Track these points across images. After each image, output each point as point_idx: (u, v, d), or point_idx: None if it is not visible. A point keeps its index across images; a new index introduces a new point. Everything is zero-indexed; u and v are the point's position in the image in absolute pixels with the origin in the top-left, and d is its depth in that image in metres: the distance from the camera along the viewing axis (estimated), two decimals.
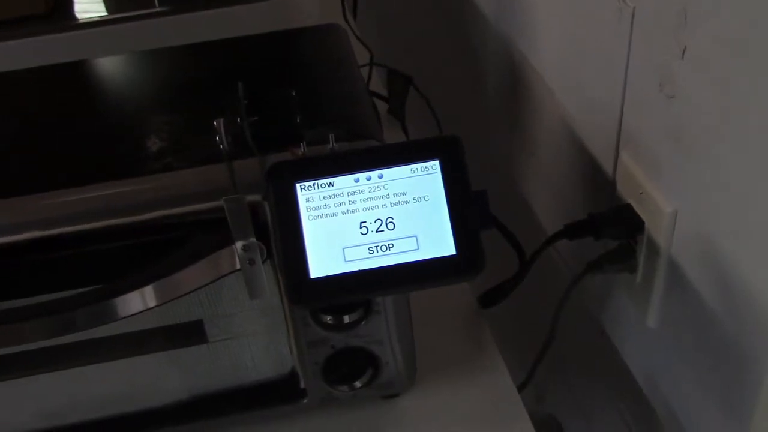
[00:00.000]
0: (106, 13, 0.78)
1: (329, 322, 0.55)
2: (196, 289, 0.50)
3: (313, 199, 0.49)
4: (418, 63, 1.07)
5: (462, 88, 1.07)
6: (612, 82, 0.62)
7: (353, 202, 0.49)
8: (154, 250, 0.52)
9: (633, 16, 0.58)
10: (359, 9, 1.15)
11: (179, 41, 0.68)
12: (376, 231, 0.49)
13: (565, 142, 0.75)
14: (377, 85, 0.96)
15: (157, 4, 0.78)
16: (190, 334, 0.56)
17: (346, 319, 0.55)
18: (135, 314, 0.50)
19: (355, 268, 0.49)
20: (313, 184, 0.49)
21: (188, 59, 0.66)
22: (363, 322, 0.56)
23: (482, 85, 0.97)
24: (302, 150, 0.52)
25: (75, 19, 0.79)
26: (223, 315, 0.55)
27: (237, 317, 0.56)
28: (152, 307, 0.50)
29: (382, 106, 0.94)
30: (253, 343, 0.57)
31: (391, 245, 0.49)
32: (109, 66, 0.67)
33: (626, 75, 0.61)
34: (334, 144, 0.52)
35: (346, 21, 0.88)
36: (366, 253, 0.49)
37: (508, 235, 0.72)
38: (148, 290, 0.49)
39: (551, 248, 0.68)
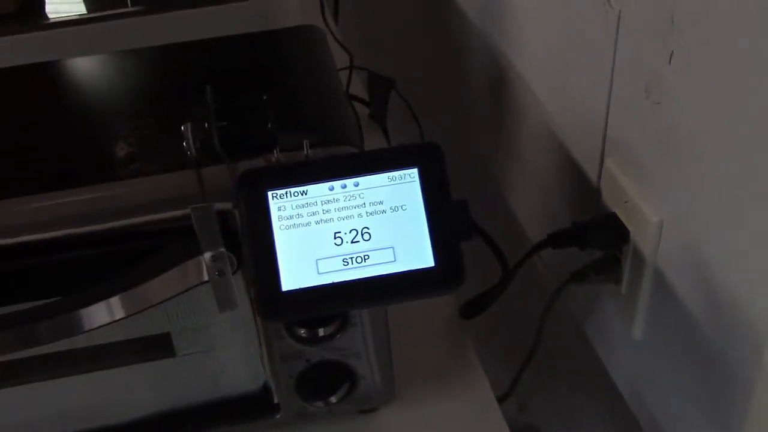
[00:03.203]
0: (77, 13, 0.76)
1: (303, 335, 0.53)
2: (162, 302, 0.48)
3: (286, 208, 0.47)
4: (401, 66, 1.05)
5: (446, 92, 1.06)
6: (597, 86, 0.61)
7: (327, 212, 0.47)
8: (120, 260, 0.49)
9: (619, 18, 0.57)
10: (341, 12, 1.13)
11: (153, 42, 0.66)
12: (351, 242, 0.47)
13: (549, 148, 0.73)
14: (358, 88, 0.94)
15: (130, 4, 0.76)
16: (157, 347, 0.54)
17: (321, 332, 0.53)
18: (98, 328, 0.47)
19: (329, 281, 0.47)
20: (286, 193, 0.47)
21: (159, 61, 0.64)
22: (339, 335, 0.54)
23: (466, 89, 0.96)
24: (275, 156, 0.50)
25: (45, 18, 0.77)
26: (192, 328, 0.53)
27: (206, 330, 0.53)
28: (116, 320, 0.48)
29: (363, 111, 0.92)
30: (224, 356, 0.55)
31: (366, 257, 0.47)
32: (79, 67, 0.64)
33: (612, 79, 0.59)
34: (309, 150, 0.50)
35: (326, 23, 0.86)
36: (340, 265, 0.47)
37: (490, 243, 0.70)
38: (112, 302, 0.47)
39: (536, 256, 0.67)
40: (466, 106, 0.98)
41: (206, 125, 0.45)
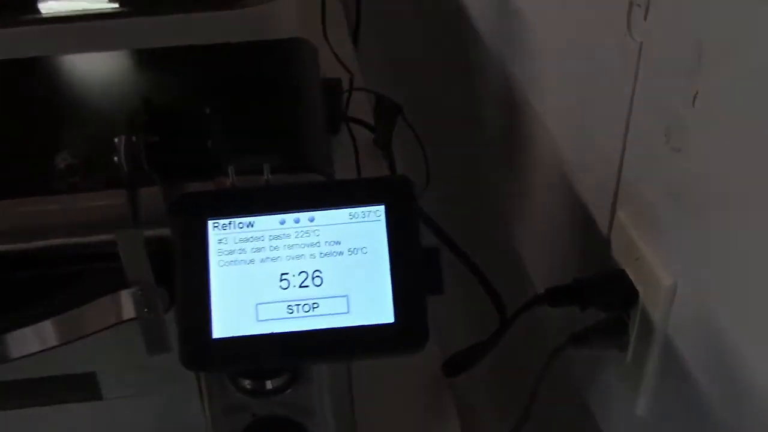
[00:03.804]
0: (55, 10, 0.71)
1: (248, 386, 0.46)
2: (81, 338, 0.41)
3: (227, 240, 0.41)
4: (417, 92, 1.00)
5: (457, 123, 1.00)
6: (612, 126, 0.55)
7: (275, 249, 0.41)
8: (46, 286, 0.43)
9: (640, 52, 0.51)
10: (364, 34, 1.08)
11: (135, 45, 0.60)
12: (300, 286, 0.40)
13: (560, 191, 0.68)
14: (366, 112, 0.89)
15: (119, 5, 0.71)
16: (82, 387, 0.47)
17: (269, 384, 0.46)
18: (7, 362, 0.41)
19: (269, 330, 0.40)
20: (229, 223, 0.41)
21: (128, 66, 0.58)
22: (289, 390, 0.47)
23: (479, 121, 0.91)
24: (231, 180, 0.43)
25: (36, 12, 0.72)
26: (121, 369, 0.46)
27: (137, 373, 0.47)
28: (27, 355, 0.41)
29: (367, 136, 0.86)
30: (158, 404, 0.49)
31: (315, 305, 0.40)
32: (40, 68, 0.59)
33: (628, 120, 0.53)
34: (269, 176, 0.44)
35: (326, 39, 0.80)
36: (284, 313, 0.40)
37: (489, 290, 0.64)
38: (22, 334, 0.41)
39: (540, 308, 0.60)
40: (476, 138, 0.93)
41: (134, 139, 0.39)
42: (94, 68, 0.58)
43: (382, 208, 0.41)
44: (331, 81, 0.79)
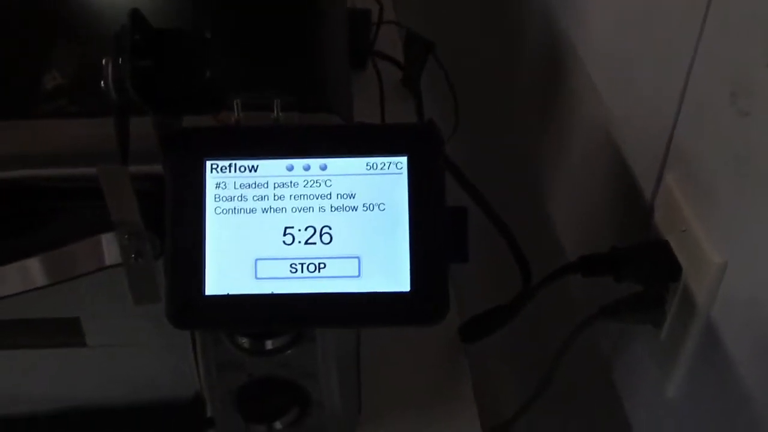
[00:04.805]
0: None
1: (245, 345, 0.42)
2: (55, 283, 0.37)
3: (226, 185, 0.36)
4: (452, 30, 0.94)
5: (493, 67, 0.95)
6: (669, 81, 0.50)
7: (280, 198, 0.36)
8: (24, 222, 0.39)
9: None
10: None
11: None
12: (306, 242, 0.36)
13: (602, 148, 0.64)
14: (395, 48, 0.83)
15: None
16: (65, 332, 0.43)
17: (269, 344, 0.42)
18: None
19: (268, 291, 0.36)
20: (230, 165, 0.36)
21: None
22: (290, 350, 0.43)
23: (516, 66, 0.85)
24: (236, 115, 0.38)
25: None
26: (105, 316, 0.42)
27: (123, 321, 0.43)
28: (4, 297, 0.37)
29: (396, 74, 0.81)
30: (146, 355, 0.45)
31: (322, 265, 0.36)
32: None
33: (689, 76, 0.49)
34: (280, 114, 0.39)
35: None
36: (287, 272, 0.36)
37: (517, 253, 0.59)
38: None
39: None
40: (513, 84, 0.87)
41: (119, 61, 0.34)
42: None
43: (404, 159, 0.36)
44: (358, 11, 0.74)
